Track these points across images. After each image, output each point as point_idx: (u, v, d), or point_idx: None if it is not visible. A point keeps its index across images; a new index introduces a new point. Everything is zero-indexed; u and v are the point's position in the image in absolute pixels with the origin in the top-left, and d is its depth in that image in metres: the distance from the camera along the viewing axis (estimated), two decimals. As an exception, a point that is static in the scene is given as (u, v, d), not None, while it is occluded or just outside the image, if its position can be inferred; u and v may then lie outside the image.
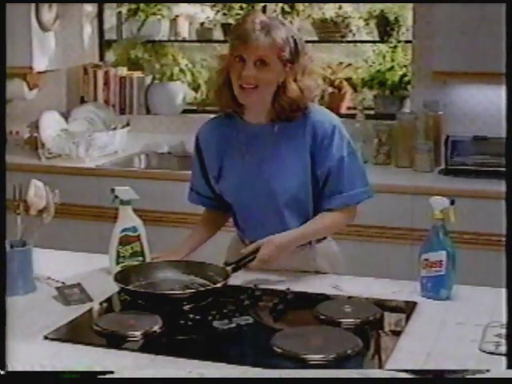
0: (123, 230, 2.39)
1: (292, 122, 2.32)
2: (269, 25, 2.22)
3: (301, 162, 2.32)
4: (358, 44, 4.83)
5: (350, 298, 2.19)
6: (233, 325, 1.97)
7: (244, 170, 2.36)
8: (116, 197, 2.39)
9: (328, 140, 2.32)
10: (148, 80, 4.94)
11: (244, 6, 4.85)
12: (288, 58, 2.25)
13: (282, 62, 2.24)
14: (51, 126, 4.54)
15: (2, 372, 1.63)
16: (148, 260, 2.41)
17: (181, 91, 4.90)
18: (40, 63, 4.70)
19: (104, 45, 5.10)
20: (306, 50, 2.31)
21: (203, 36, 4.96)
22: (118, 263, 2.38)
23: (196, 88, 4.98)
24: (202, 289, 2.17)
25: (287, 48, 2.24)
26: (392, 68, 4.55)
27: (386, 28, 4.55)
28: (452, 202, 2.21)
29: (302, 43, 2.29)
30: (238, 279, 2.31)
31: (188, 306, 2.08)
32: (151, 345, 1.89)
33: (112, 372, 1.65)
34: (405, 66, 4.56)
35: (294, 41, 2.26)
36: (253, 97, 2.26)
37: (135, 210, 2.41)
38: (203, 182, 2.48)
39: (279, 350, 1.81)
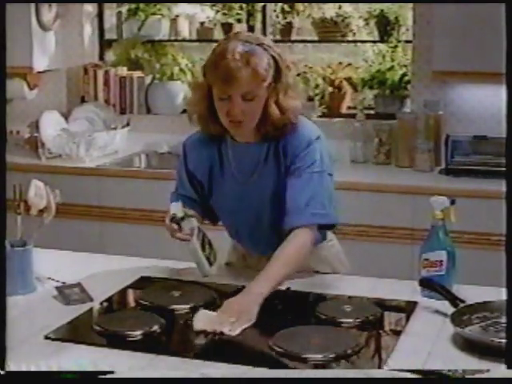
0: (196, 238, 2.29)
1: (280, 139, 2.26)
2: (249, 55, 2.12)
3: (283, 181, 2.26)
4: (358, 44, 4.84)
5: (350, 297, 2.19)
6: (233, 325, 1.97)
7: (232, 191, 2.33)
8: (176, 220, 2.26)
9: (300, 155, 2.23)
10: (148, 80, 4.94)
11: (244, 5, 4.86)
12: (270, 81, 2.18)
13: (265, 87, 2.17)
14: (51, 125, 4.54)
15: (2, 372, 1.63)
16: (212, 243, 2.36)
17: (181, 91, 4.90)
18: (40, 63, 4.70)
19: (104, 44, 5.10)
20: (286, 63, 2.23)
21: (203, 36, 4.96)
22: (210, 265, 2.31)
23: (196, 88, 4.97)
24: None
25: (270, 73, 2.17)
26: (392, 68, 4.55)
27: (386, 28, 4.55)
28: (452, 202, 2.22)
29: (282, 60, 2.20)
30: (238, 279, 2.31)
31: (187, 306, 2.09)
32: (151, 345, 1.88)
33: (112, 372, 1.65)
34: (405, 65, 4.56)
35: (275, 61, 2.18)
36: (243, 128, 2.21)
37: (134, 210, 2.40)
38: (189, 187, 2.41)
39: (279, 350, 1.81)
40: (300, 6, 4.81)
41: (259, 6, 4.79)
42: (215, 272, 2.33)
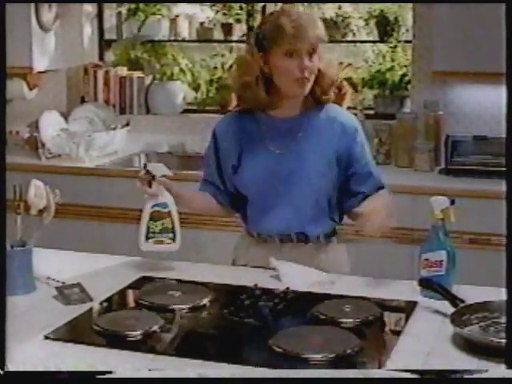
0: (154, 206, 2.37)
1: (320, 112, 2.41)
2: (312, 16, 2.39)
3: (324, 157, 2.38)
4: (358, 44, 4.84)
5: (350, 297, 2.18)
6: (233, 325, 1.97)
7: (267, 162, 2.40)
8: (148, 172, 2.38)
9: (359, 141, 2.44)
10: (148, 80, 4.94)
11: (244, 5, 4.86)
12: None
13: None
14: (51, 125, 4.54)
15: (2, 372, 1.63)
16: (179, 237, 2.38)
17: (181, 91, 4.90)
18: (40, 63, 4.70)
19: (104, 45, 5.10)
20: None
21: (203, 36, 4.96)
22: (147, 238, 2.37)
23: (196, 88, 4.98)
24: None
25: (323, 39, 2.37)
26: (392, 68, 4.55)
27: (385, 28, 4.56)
28: (452, 202, 2.22)
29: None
30: (238, 279, 2.31)
31: (187, 306, 2.09)
32: (151, 345, 1.88)
33: (111, 372, 1.65)
34: (405, 65, 4.56)
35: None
36: (307, 86, 2.35)
37: (134, 210, 2.41)
38: (216, 174, 2.50)
39: (279, 350, 1.81)
40: (300, 7, 4.81)
41: (259, 6, 4.79)
42: (146, 249, 2.37)
